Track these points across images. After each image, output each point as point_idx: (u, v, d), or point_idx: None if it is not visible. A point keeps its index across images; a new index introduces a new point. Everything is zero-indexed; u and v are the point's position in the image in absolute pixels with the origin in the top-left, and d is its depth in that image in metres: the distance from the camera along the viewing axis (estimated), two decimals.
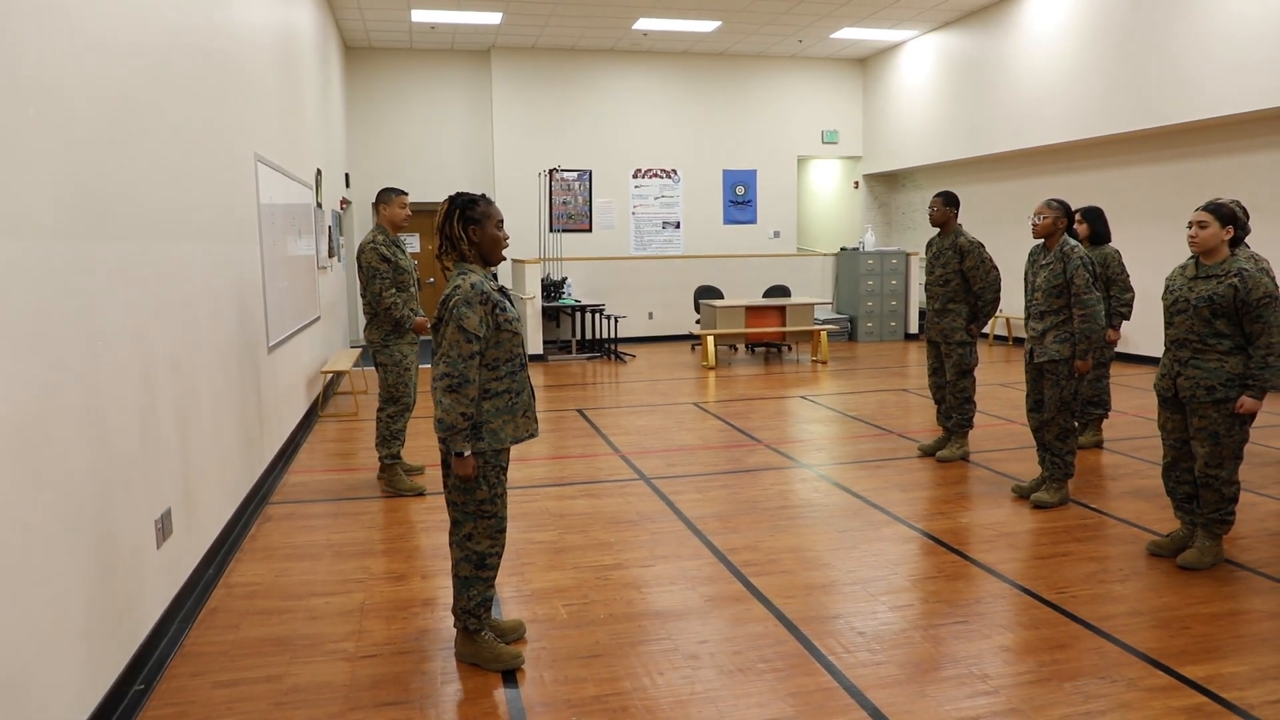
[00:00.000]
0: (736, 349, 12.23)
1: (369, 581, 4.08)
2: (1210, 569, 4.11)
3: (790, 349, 12.02)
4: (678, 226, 14.14)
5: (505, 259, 3.36)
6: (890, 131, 14.12)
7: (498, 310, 3.12)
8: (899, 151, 13.94)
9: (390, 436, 5.45)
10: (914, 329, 13.35)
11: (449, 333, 3.05)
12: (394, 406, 5.44)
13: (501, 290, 3.23)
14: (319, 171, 8.87)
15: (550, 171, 13.23)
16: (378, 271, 5.27)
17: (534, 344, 11.45)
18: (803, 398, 8.70)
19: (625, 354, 11.81)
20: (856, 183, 15.17)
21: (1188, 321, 4.00)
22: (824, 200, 16.40)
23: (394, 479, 5.47)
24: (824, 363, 10.91)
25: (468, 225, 3.18)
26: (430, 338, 3.52)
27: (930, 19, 12.29)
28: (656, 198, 14.08)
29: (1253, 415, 3.97)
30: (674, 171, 14.08)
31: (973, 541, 4.56)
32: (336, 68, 11.52)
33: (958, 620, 3.63)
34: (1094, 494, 5.33)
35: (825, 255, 14.09)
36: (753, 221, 14.41)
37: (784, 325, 11.04)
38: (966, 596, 3.88)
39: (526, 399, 3.27)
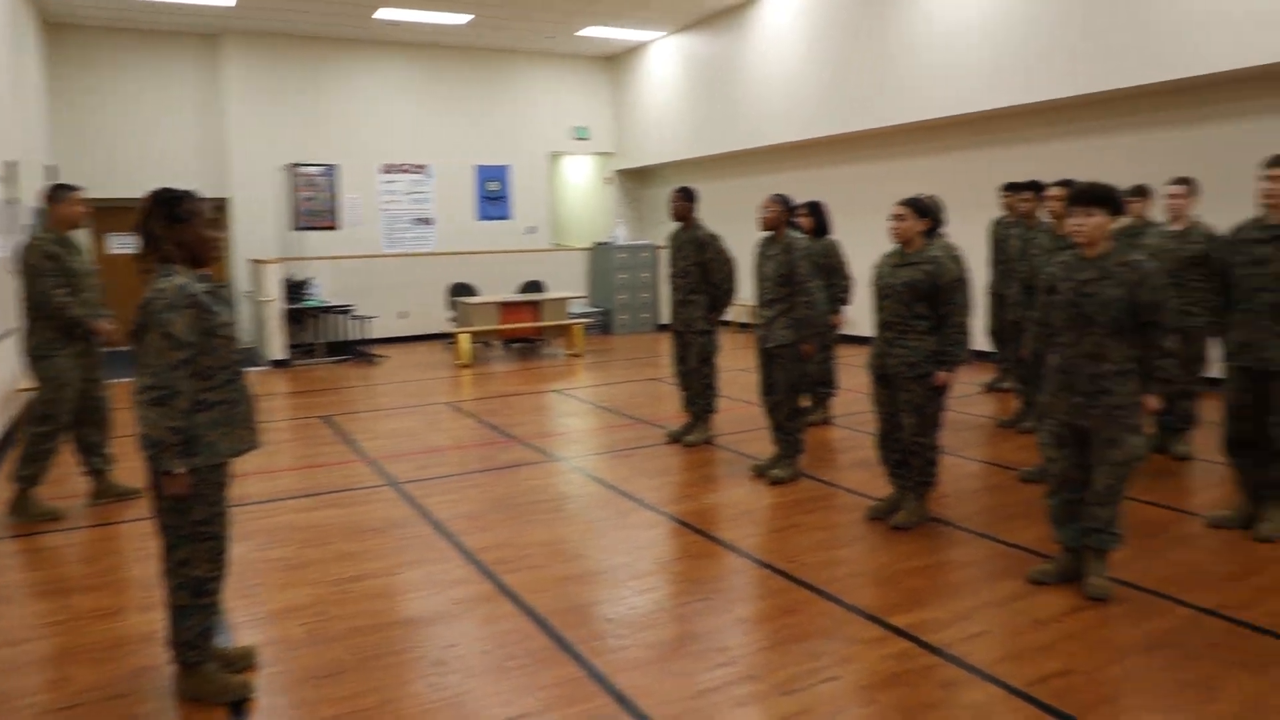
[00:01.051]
0: (492, 346, 12.13)
1: (73, 622, 3.65)
2: (918, 527, 4.55)
3: (546, 344, 12.08)
4: (430, 223, 13.81)
5: (220, 259, 3.10)
6: (639, 129, 14.53)
7: (208, 314, 2.88)
8: (648, 148, 14.37)
9: (33, 457, 4.87)
10: (665, 320, 13.82)
11: (152, 340, 2.78)
12: (44, 426, 4.88)
13: (213, 292, 2.98)
14: (10, 164, 7.84)
15: (292, 166, 12.50)
16: (44, 269, 4.72)
17: (276, 349, 10.78)
18: (558, 392, 8.77)
19: (376, 355, 11.39)
20: (608, 178, 15.48)
21: (892, 305, 4.39)
22: (578, 195, 16.62)
23: (25, 505, 4.93)
24: (579, 356, 11.06)
25: (172, 224, 2.91)
26: (115, 346, 3.18)
27: (673, 21, 12.73)
28: (407, 193, 13.66)
29: (948, 387, 4.42)
30: (425, 166, 13.72)
31: (716, 521, 4.78)
32: (33, 46, 10.24)
33: (700, 598, 3.78)
34: (824, 467, 5.75)
35: (579, 250, 14.27)
36: (507, 217, 14.33)
37: (539, 320, 11.08)
38: (709, 574, 4.05)
39: (246, 409, 3.05)
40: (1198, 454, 5.67)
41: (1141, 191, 6.20)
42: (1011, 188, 6.93)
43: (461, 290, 12.30)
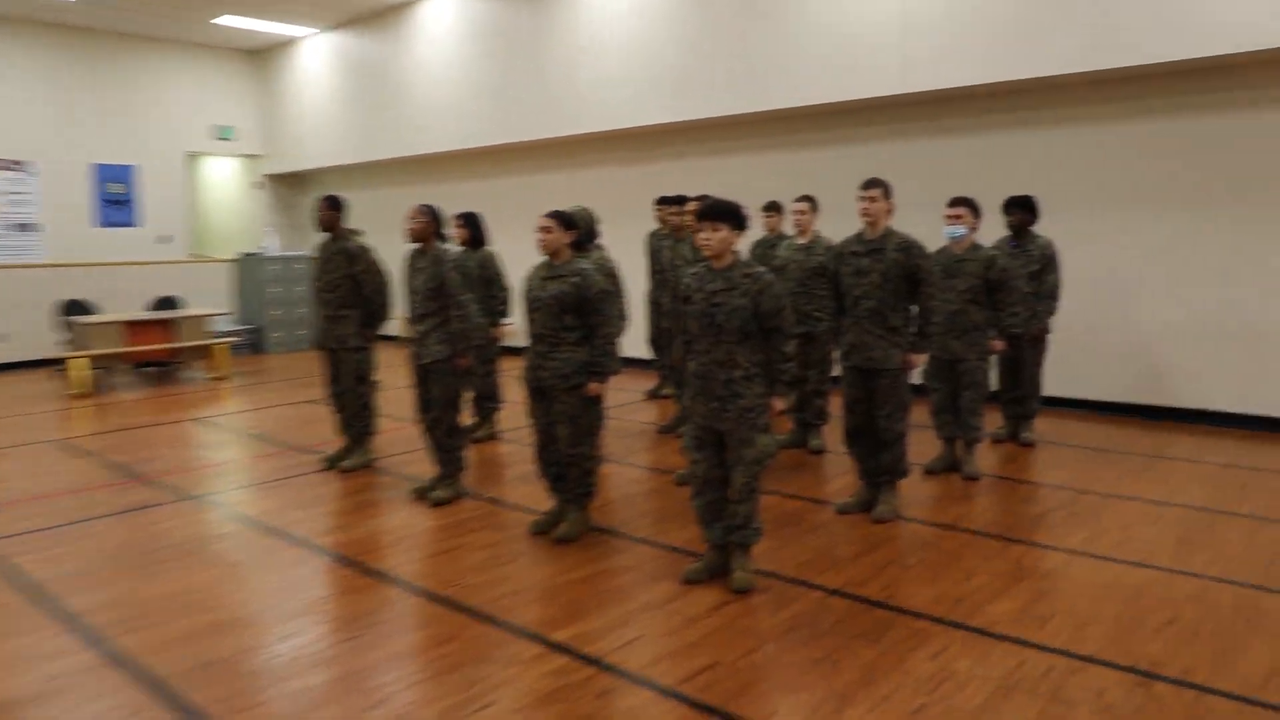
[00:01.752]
0: (116, 372, 10.69)
1: None
2: (582, 537, 4.57)
3: (185, 367, 10.88)
4: (34, 229, 11.91)
5: None
6: (292, 130, 13.59)
7: None
8: (302, 152, 13.49)
9: None
10: None
11: None
12: None
13: None
14: None
15: None
16: None
17: None
18: (197, 420, 7.89)
19: None
20: (257, 183, 14.33)
21: (542, 317, 4.38)
22: (221, 201, 15.20)
23: None
24: (224, 379, 10.06)
25: None
26: None
27: (323, 18, 12.03)
28: (3, 194, 11.70)
29: (601, 397, 4.49)
30: (25, 163, 11.82)
31: (373, 550, 4.49)
32: None
33: (352, 636, 3.51)
34: (488, 484, 5.64)
35: (223, 261, 13.06)
36: (133, 224, 12.75)
37: (174, 341, 9.92)
38: (363, 609, 3.78)
39: None
40: (830, 447, 6.27)
41: (775, 207, 6.76)
42: (663, 201, 7.27)
43: (76, 308, 10.71)
